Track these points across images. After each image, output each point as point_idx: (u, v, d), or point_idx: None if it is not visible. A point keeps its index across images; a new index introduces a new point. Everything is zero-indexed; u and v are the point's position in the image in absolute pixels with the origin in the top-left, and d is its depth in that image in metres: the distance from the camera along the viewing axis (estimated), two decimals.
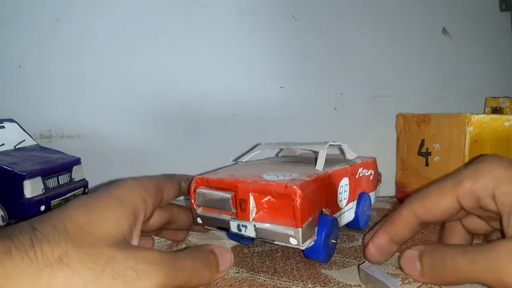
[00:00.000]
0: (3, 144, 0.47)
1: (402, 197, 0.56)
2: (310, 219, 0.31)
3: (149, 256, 0.23)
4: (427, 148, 0.50)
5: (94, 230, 0.23)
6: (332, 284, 0.31)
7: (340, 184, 0.38)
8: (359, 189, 0.42)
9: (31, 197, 0.42)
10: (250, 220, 0.32)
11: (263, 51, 0.60)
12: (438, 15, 0.63)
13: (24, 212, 0.42)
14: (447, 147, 0.46)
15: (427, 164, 0.50)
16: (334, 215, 0.36)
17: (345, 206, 0.39)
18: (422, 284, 0.30)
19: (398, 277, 0.31)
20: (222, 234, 0.43)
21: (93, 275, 0.20)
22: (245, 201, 0.32)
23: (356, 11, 0.61)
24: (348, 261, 0.35)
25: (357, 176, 0.41)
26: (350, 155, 0.44)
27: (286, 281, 0.31)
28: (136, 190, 0.27)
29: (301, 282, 0.31)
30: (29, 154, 0.48)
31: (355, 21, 0.61)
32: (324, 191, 0.34)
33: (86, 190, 0.51)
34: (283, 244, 0.32)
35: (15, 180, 0.42)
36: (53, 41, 0.58)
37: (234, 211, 0.33)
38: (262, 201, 0.32)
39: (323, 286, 0.30)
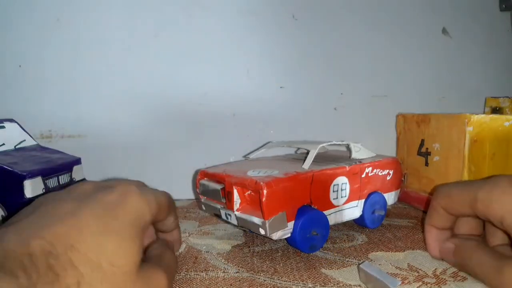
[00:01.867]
0: (3, 144, 0.47)
1: (402, 197, 0.56)
2: (281, 213, 0.35)
3: (160, 285, 0.23)
4: (427, 148, 0.50)
5: (121, 263, 0.21)
6: (332, 284, 0.31)
7: (334, 183, 0.39)
8: (368, 188, 0.43)
9: (32, 197, 0.42)
10: (234, 210, 0.37)
11: (263, 51, 0.60)
12: (438, 15, 0.63)
13: None
14: (447, 147, 0.46)
15: (426, 164, 0.50)
16: (324, 212, 0.38)
17: (344, 204, 0.40)
18: (422, 284, 0.30)
19: (398, 277, 0.31)
20: (222, 233, 0.43)
21: None
22: (230, 193, 0.37)
23: (356, 11, 0.61)
24: (348, 261, 0.35)
25: (363, 175, 0.42)
26: (359, 154, 0.45)
27: (286, 281, 0.31)
28: (147, 210, 0.25)
29: (301, 282, 0.31)
30: (30, 154, 0.48)
31: (355, 21, 0.61)
32: (305, 188, 0.37)
33: None
34: (256, 233, 0.36)
35: (15, 180, 0.42)
36: (53, 41, 0.59)
37: (224, 201, 0.38)
38: (245, 194, 0.37)
39: (323, 286, 0.30)
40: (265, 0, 0.60)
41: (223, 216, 0.40)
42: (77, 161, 0.51)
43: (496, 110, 0.59)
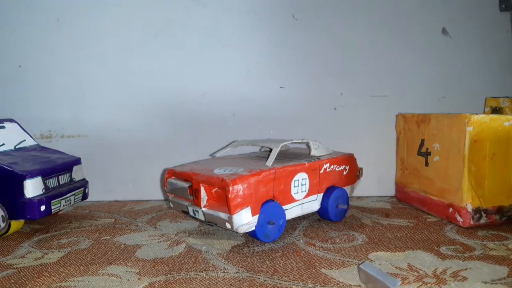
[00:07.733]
0: (3, 144, 0.47)
1: (402, 197, 0.56)
2: (246, 208, 0.37)
3: None
4: (427, 148, 0.50)
5: None
6: (332, 284, 0.31)
7: (295, 178, 0.42)
8: (326, 183, 0.46)
9: (32, 197, 0.42)
10: (201, 206, 0.39)
11: (263, 51, 0.60)
12: (438, 15, 0.63)
13: (24, 212, 0.42)
14: (446, 147, 0.46)
15: (426, 164, 0.50)
16: (286, 205, 0.41)
17: (304, 198, 0.43)
18: (422, 284, 0.30)
19: (398, 277, 0.31)
20: (222, 233, 0.43)
21: None
22: (198, 191, 0.39)
23: (356, 11, 0.61)
24: (348, 261, 0.35)
25: (321, 171, 0.45)
26: (317, 151, 0.47)
27: (286, 281, 0.31)
28: None
29: (301, 282, 0.31)
30: (30, 154, 0.48)
31: (355, 21, 0.61)
32: (268, 184, 0.39)
33: (86, 190, 0.51)
34: (223, 227, 0.38)
35: (15, 180, 0.42)
36: (53, 41, 0.59)
37: (191, 198, 0.40)
38: (212, 191, 0.39)
39: (323, 286, 0.30)
40: (265, 0, 0.60)
41: (191, 213, 0.41)
42: (77, 161, 0.51)
43: (496, 110, 0.59)
